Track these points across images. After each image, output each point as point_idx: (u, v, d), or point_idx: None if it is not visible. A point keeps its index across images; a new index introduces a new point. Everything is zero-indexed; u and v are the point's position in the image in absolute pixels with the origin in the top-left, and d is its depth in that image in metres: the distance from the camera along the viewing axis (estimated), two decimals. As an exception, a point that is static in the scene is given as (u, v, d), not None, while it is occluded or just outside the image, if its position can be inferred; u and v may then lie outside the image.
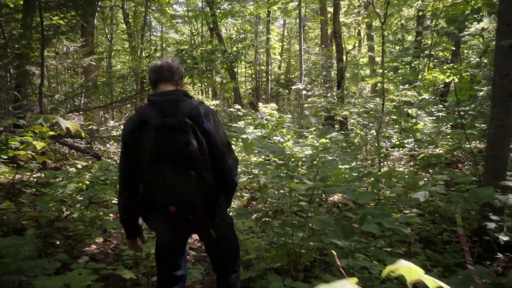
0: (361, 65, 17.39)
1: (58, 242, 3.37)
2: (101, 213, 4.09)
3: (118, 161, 2.00)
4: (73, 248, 3.39)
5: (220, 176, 1.81)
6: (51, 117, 3.27)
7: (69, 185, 3.54)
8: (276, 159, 6.45)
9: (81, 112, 9.55)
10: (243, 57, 7.88)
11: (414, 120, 7.75)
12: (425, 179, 4.28)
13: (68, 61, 8.29)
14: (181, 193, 1.68)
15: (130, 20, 17.39)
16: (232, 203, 5.52)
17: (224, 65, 8.12)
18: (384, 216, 1.93)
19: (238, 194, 5.95)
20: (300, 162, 5.11)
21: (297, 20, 23.56)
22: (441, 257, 2.88)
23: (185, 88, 2.05)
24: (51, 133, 3.26)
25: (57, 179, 4.41)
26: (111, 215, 4.00)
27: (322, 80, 16.08)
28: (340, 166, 5.64)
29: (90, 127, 7.39)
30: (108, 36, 20.67)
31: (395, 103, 8.27)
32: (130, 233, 1.93)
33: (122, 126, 10.40)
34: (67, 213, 3.97)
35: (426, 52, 6.75)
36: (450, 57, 11.47)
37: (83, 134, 3.33)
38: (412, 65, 6.27)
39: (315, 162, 2.87)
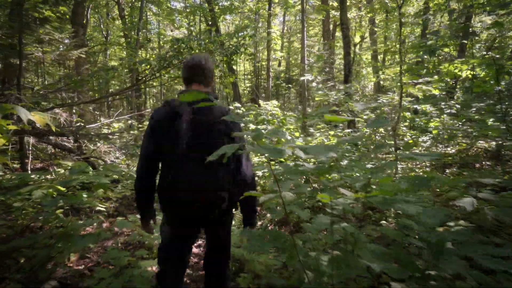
0: (364, 61, 16.76)
1: (21, 262, 2.70)
2: (81, 222, 3.42)
3: (142, 143, 1.92)
4: (38, 270, 2.70)
5: (238, 182, 1.87)
6: (8, 107, 2.57)
7: (35, 191, 2.86)
8: (284, 160, 5.78)
9: (74, 108, 8.86)
10: (243, 49, 7.18)
11: (428, 117, 7.10)
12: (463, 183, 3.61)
13: (55, 52, 7.56)
14: (206, 191, 1.74)
15: (125, 15, 16.68)
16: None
17: (224, 57, 7.43)
18: (473, 246, 1.26)
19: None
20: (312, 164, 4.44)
21: (297, 17, 22.92)
22: None
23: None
24: (12, 127, 2.56)
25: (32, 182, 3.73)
26: (89, 228, 3.32)
27: (324, 77, 15.41)
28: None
29: (78, 124, 6.69)
30: (104, 33, 19.94)
31: (409, 98, 7.60)
32: (145, 216, 1.95)
33: (114, 125, 9.74)
34: (35, 224, 3.28)
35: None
36: (455, 54, 10.89)
37: (53, 128, 2.64)
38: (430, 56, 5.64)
39: (332, 163, 2.21)
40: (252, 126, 5.07)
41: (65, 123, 7.31)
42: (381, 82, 17.11)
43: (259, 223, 4.77)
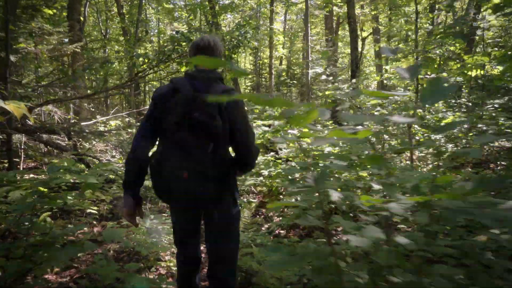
0: (368, 60, 16.38)
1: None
2: (71, 226, 3.02)
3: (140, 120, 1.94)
4: (12, 284, 2.29)
5: (240, 159, 1.87)
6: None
7: (12, 192, 2.45)
8: (290, 159, 5.36)
9: (71, 106, 8.47)
10: (247, 41, 6.79)
11: (440, 115, 6.68)
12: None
13: (48, 46, 7.15)
14: (196, 161, 1.73)
15: (124, 12, 16.31)
16: (242, 214, 4.44)
17: (226, 52, 7.03)
18: None
19: (245, 199, 4.86)
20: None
21: (298, 16, 22.55)
22: None
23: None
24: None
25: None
26: (80, 233, 2.91)
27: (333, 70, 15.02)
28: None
29: (73, 120, 6.28)
30: (103, 31, 19.54)
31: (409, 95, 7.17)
32: (128, 200, 1.83)
33: (110, 123, 9.33)
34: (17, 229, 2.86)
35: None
36: (462, 53, 10.51)
37: (32, 120, 2.23)
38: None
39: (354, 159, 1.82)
40: (259, 122, 4.67)
41: (60, 121, 6.91)
42: (385, 81, 16.71)
43: (265, 225, 4.38)
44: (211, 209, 1.84)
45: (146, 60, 7.10)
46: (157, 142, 1.89)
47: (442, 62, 6.51)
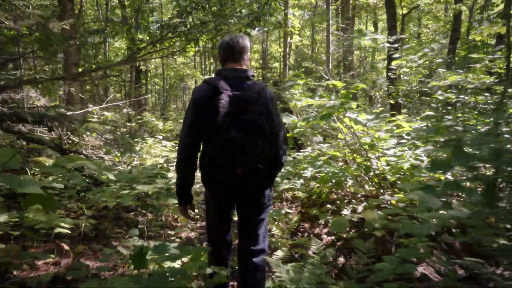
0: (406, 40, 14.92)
1: None
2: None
3: (183, 121, 1.89)
4: None
5: (273, 155, 1.94)
6: None
7: None
8: (337, 153, 4.01)
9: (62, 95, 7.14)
10: (268, 14, 5.45)
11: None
12: None
13: (29, 21, 5.78)
14: (249, 157, 1.77)
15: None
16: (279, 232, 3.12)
17: (242, 27, 5.69)
18: None
19: (282, 210, 3.50)
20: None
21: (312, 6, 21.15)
22: None
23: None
24: None
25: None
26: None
27: (342, 69, 13.66)
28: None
29: (57, 109, 4.95)
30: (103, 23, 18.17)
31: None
32: (184, 199, 1.97)
33: (105, 113, 8.02)
34: None
35: None
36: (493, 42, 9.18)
37: None
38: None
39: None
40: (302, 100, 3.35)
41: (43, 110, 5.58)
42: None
43: (313, 248, 3.05)
44: (253, 200, 1.95)
45: (146, 37, 5.77)
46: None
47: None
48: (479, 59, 4.87)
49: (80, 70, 8.03)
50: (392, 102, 6.67)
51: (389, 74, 6.69)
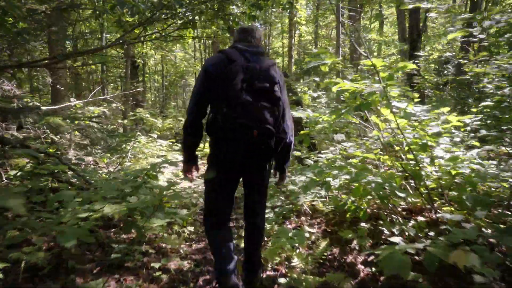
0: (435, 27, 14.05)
1: None
2: None
3: (194, 87, 1.92)
4: None
5: (283, 133, 1.95)
6: None
7: None
8: (364, 155, 3.16)
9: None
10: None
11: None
12: None
13: None
14: (266, 120, 1.80)
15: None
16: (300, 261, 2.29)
17: (247, 8, 4.85)
18: None
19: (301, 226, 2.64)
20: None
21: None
22: None
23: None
24: None
25: None
26: None
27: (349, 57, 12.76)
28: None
29: (21, 100, 4.08)
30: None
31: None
32: (191, 159, 2.01)
33: (89, 107, 7.15)
34: None
35: None
36: None
37: None
38: None
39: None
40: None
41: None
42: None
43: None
44: (265, 165, 2.00)
45: (137, 20, 4.91)
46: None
47: None
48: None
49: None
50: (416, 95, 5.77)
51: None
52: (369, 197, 2.50)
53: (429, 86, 5.51)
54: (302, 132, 3.91)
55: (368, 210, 2.74)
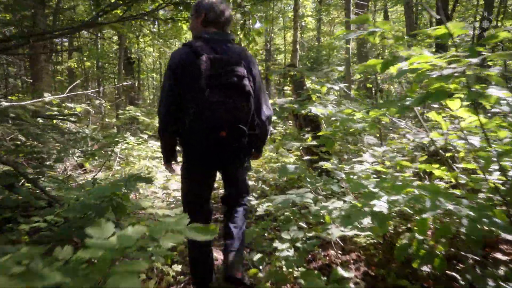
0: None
1: None
2: None
3: (162, 87, 1.78)
4: None
5: (258, 122, 1.86)
6: None
7: None
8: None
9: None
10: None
11: None
12: None
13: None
14: (233, 119, 1.69)
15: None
16: None
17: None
18: None
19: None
20: None
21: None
22: None
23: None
24: None
25: None
26: None
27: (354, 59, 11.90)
28: None
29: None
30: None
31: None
32: (169, 159, 1.96)
33: (67, 104, 6.24)
34: None
35: None
36: None
37: None
38: None
39: None
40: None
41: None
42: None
43: None
44: (236, 164, 1.90)
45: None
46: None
47: None
48: None
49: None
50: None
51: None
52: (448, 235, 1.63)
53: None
54: (321, 133, 3.05)
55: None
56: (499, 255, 1.94)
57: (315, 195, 2.18)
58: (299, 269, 1.98)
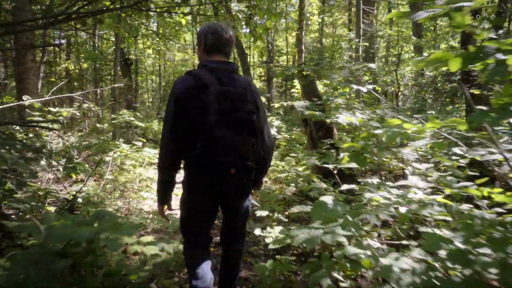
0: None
1: None
2: None
3: (165, 116, 1.70)
4: None
5: (264, 152, 1.81)
6: None
7: None
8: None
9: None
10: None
11: None
12: None
13: None
14: (243, 157, 1.64)
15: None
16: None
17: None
18: None
19: None
20: None
21: None
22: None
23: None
24: None
25: None
26: None
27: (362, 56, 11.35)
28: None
29: None
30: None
31: None
32: (165, 200, 1.81)
33: (50, 109, 5.64)
34: None
35: None
36: None
37: None
38: None
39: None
40: None
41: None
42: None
43: None
44: (244, 198, 1.84)
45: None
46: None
47: None
48: None
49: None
50: (476, 92, 4.34)
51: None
52: None
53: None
54: (347, 144, 2.49)
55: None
56: None
57: (352, 232, 1.61)
58: None
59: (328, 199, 1.65)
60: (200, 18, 5.37)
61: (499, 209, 1.94)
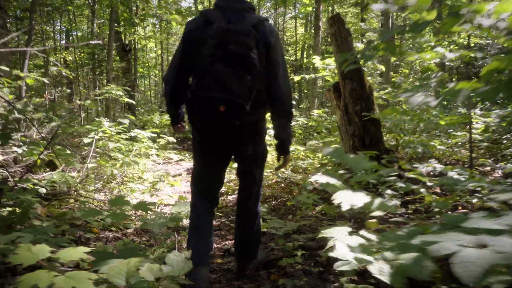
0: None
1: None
2: None
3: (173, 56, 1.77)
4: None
5: (272, 98, 1.73)
6: None
7: None
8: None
9: None
10: None
11: None
12: None
13: None
14: (234, 92, 1.56)
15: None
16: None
17: None
18: None
19: None
20: None
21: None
22: None
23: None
24: None
25: None
26: None
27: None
28: None
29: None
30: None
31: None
32: (176, 121, 1.93)
33: (1, 67, 4.42)
34: None
35: None
36: None
37: None
38: None
39: None
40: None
41: None
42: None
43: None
44: (244, 144, 1.79)
45: None
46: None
47: None
48: None
49: None
50: None
51: None
52: None
53: None
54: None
55: None
56: None
57: None
58: None
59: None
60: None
61: None
